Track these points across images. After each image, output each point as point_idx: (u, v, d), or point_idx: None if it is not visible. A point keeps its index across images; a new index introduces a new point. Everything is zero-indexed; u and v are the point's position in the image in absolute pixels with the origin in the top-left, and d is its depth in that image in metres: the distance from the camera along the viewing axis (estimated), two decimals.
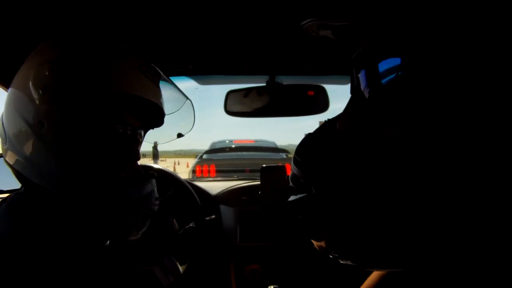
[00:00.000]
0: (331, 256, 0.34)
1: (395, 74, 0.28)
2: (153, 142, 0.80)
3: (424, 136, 0.26)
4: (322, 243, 0.34)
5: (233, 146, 5.56)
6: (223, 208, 1.31)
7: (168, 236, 1.07)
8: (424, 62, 0.27)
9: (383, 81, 0.28)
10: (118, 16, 0.77)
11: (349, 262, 0.33)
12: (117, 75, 0.55)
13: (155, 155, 12.99)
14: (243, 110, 1.15)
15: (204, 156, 4.88)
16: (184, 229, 1.12)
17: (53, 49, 0.55)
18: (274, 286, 1.07)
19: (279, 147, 6.04)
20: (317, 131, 0.38)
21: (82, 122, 0.54)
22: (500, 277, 0.28)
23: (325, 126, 0.37)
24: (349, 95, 0.34)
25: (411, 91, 0.27)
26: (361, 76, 0.31)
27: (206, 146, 6.00)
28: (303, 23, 0.36)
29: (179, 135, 0.76)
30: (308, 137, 0.38)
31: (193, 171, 4.50)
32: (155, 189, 0.71)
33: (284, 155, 4.94)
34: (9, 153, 0.55)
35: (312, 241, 0.36)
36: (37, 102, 0.52)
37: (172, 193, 1.12)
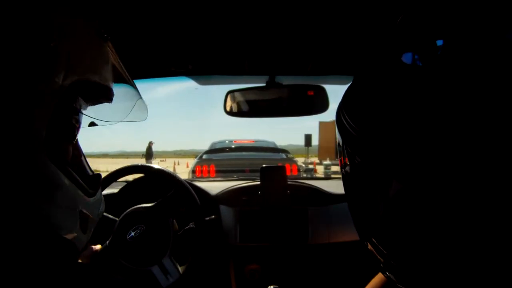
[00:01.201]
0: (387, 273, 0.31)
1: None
2: (147, 142, 0.76)
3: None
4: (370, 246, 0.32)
5: (233, 146, 5.56)
6: (223, 208, 1.31)
7: (168, 236, 1.07)
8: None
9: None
10: (117, 15, 0.77)
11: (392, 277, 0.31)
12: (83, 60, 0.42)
13: (149, 155, 13.04)
14: (242, 110, 1.15)
15: (204, 156, 4.87)
16: (184, 230, 1.11)
17: None
18: (274, 286, 1.07)
19: (279, 147, 6.05)
20: (357, 84, 0.33)
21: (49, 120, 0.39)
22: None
23: (363, 78, 0.33)
24: None
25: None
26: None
27: (206, 146, 6.00)
28: None
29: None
30: (354, 88, 0.33)
31: (193, 171, 4.50)
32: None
33: (284, 155, 4.95)
34: None
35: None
36: None
37: (172, 193, 1.12)
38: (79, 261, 0.96)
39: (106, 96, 0.48)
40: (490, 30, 0.26)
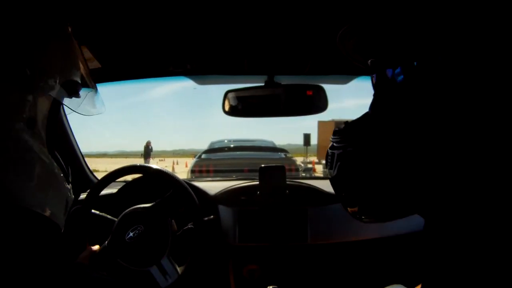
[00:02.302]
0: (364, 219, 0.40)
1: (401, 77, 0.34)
2: (145, 142, 0.76)
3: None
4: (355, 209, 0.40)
5: (231, 145, 5.57)
6: (221, 208, 1.31)
7: (166, 237, 1.06)
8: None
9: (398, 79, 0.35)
10: (116, 15, 0.77)
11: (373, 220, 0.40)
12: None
13: (147, 154, 13.07)
14: (241, 110, 1.15)
15: (203, 156, 4.86)
16: (183, 230, 1.11)
17: None
18: (273, 286, 1.07)
19: (278, 146, 6.05)
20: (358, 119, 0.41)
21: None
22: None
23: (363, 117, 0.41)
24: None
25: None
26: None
27: (205, 146, 6.00)
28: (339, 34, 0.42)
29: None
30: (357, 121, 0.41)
31: (192, 171, 4.50)
32: None
33: (282, 155, 4.92)
34: None
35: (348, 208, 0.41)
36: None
37: (171, 193, 1.11)
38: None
39: (77, 91, 0.53)
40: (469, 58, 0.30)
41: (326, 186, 1.38)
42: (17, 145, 0.43)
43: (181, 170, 11.51)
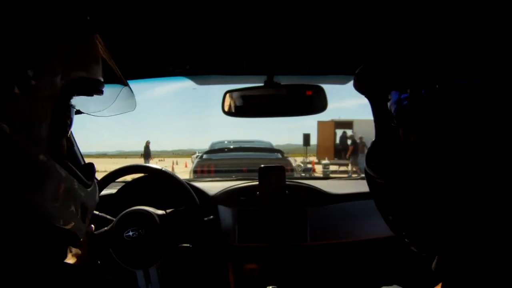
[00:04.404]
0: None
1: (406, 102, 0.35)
2: (145, 142, 0.74)
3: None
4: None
5: (231, 146, 5.80)
6: (221, 208, 1.31)
7: (163, 249, 1.05)
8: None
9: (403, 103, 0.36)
10: (115, 14, 0.77)
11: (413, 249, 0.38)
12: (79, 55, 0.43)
13: (147, 154, 13.03)
14: (240, 110, 1.15)
15: (204, 156, 5.07)
16: (181, 247, 1.11)
17: None
18: (273, 286, 1.07)
19: (277, 147, 6.30)
20: (377, 141, 0.41)
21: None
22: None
23: (382, 135, 0.41)
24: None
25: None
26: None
27: (204, 146, 6.13)
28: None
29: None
30: (373, 145, 0.41)
31: (195, 171, 4.65)
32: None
33: (279, 155, 5.19)
34: None
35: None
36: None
37: (183, 209, 1.11)
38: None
39: (98, 90, 0.49)
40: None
41: (325, 186, 1.38)
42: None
43: (181, 170, 11.52)
